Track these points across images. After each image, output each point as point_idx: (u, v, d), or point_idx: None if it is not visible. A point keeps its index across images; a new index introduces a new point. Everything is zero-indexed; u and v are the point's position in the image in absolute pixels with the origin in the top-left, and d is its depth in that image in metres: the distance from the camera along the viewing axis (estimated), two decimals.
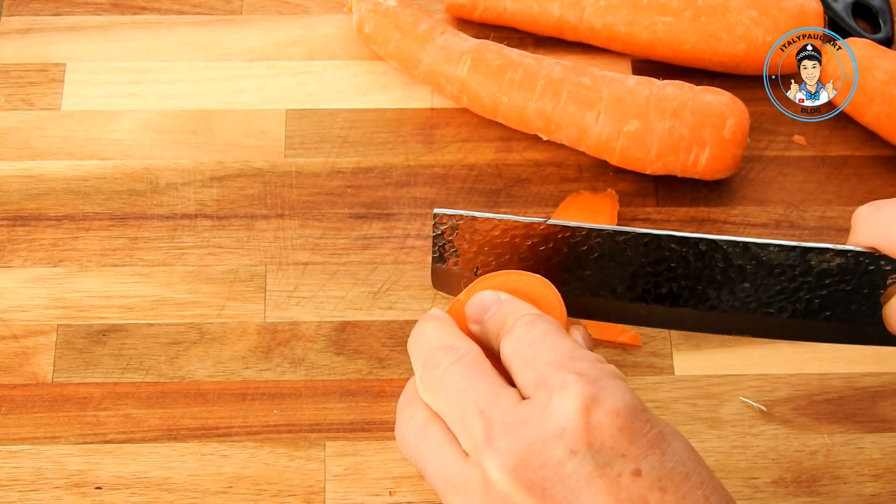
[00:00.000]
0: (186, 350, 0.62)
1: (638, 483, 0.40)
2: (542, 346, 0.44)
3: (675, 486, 0.41)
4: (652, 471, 0.41)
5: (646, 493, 0.40)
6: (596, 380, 0.43)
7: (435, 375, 0.45)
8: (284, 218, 0.66)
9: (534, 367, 0.44)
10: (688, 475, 0.41)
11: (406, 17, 0.70)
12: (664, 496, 0.40)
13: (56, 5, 0.73)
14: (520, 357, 0.45)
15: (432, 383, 0.45)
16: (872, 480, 0.59)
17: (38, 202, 0.66)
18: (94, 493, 0.58)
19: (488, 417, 0.43)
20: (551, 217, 0.61)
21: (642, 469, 0.41)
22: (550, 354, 0.44)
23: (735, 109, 0.65)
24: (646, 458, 0.41)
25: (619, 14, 0.70)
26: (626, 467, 0.41)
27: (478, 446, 0.42)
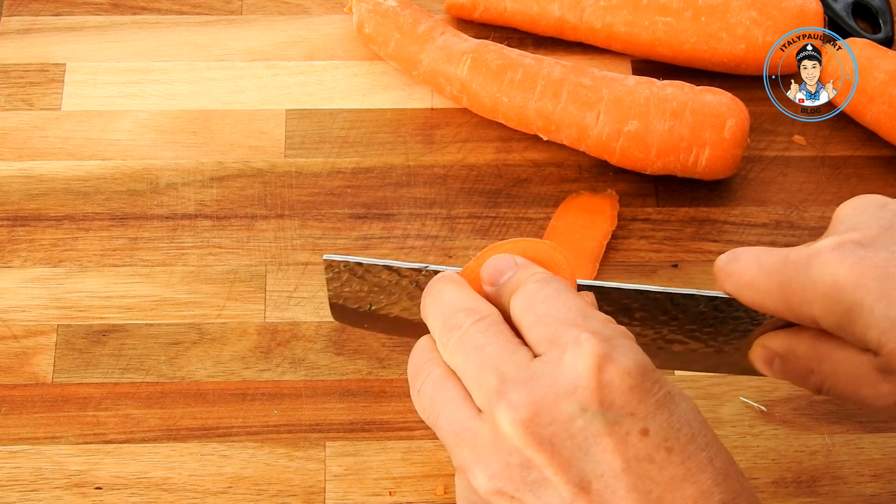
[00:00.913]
0: (186, 350, 0.62)
1: (645, 442, 0.41)
2: (555, 304, 0.45)
3: (681, 447, 0.41)
4: (659, 430, 0.41)
5: (652, 452, 0.41)
6: (608, 338, 0.43)
7: (455, 335, 0.46)
8: (284, 218, 0.66)
9: (546, 324, 0.44)
10: (693, 436, 0.42)
11: (406, 18, 0.70)
12: (670, 456, 0.41)
13: (56, 5, 0.73)
14: (531, 314, 0.45)
15: (452, 342, 0.46)
16: (872, 480, 0.59)
17: (38, 202, 0.66)
18: (94, 494, 0.58)
19: (502, 373, 0.43)
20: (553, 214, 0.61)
21: (650, 428, 0.41)
22: (563, 312, 0.44)
23: (735, 109, 0.65)
24: (654, 418, 0.42)
25: (619, 14, 0.70)
26: (634, 426, 0.41)
27: (490, 400, 0.43)
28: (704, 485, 0.41)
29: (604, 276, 0.64)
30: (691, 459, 0.41)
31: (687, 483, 0.41)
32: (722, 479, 0.42)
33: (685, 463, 0.41)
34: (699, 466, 0.41)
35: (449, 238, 0.65)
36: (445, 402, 0.45)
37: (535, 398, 0.42)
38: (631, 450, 0.41)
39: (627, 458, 0.41)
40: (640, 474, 0.41)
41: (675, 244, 0.66)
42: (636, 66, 0.72)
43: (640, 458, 0.41)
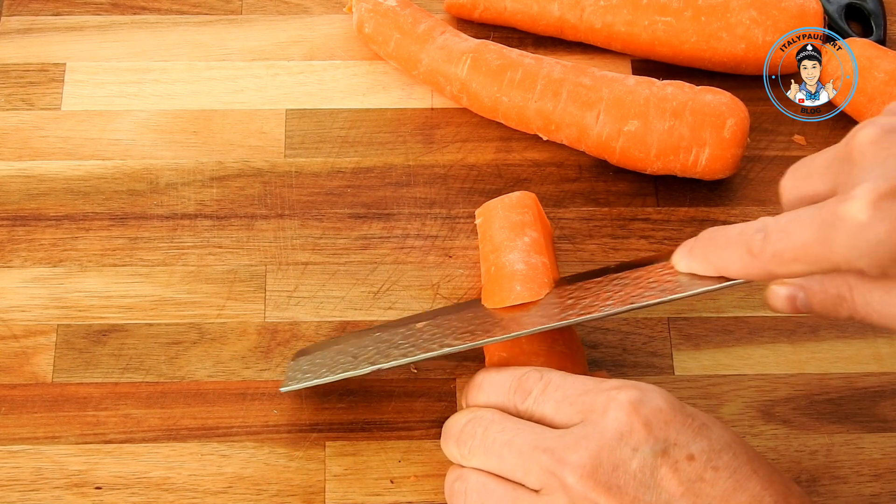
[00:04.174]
0: (186, 350, 0.62)
1: (693, 465, 0.46)
2: (569, 384, 0.50)
3: (724, 464, 0.46)
4: (702, 453, 0.46)
5: (702, 472, 0.46)
6: (635, 386, 0.48)
7: (475, 442, 0.51)
8: (284, 218, 0.66)
9: (570, 402, 0.49)
10: (735, 454, 0.47)
11: (406, 17, 0.70)
12: (718, 473, 0.46)
13: (56, 5, 0.73)
14: (551, 401, 0.50)
15: (476, 448, 0.51)
16: (872, 480, 0.59)
17: (38, 202, 0.66)
18: (94, 493, 0.58)
19: (548, 448, 0.48)
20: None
21: (694, 453, 0.46)
22: (581, 387, 0.50)
23: (735, 109, 0.65)
24: (695, 443, 0.47)
25: (619, 14, 0.70)
26: (680, 453, 0.46)
27: (551, 471, 0.47)
28: (754, 491, 0.46)
29: None
30: (738, 473, 0.46)
31: (739, 492, 0.45)
32: (769, 484, 0.46)
33: (733, 476, 0.46)
34: (746, 476, 0.46)
35: (449, 238, 0.65)
36: (500, 500, 0.49)
37: (592, 453, 0.47)
38: (683, 474, 0.46)
39: (682, 481, 0.46)
40: (697, 493, 0.46)
41: (675, 244, 0.65)
42: (636, 65, 0.72)
43: (693, 480, 0.46)
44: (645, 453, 0.46)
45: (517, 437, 0.49)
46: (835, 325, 0.63)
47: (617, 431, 0.47)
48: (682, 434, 0.47)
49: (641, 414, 0.47)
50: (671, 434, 0.47)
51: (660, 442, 0.47)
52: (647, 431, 0.47)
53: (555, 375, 0.51)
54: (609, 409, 0.48)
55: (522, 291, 0.58)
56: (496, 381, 0.53)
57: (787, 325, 0.63)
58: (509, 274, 0.59)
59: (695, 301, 0.64)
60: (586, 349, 0.62)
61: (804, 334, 0.63)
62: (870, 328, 0.63)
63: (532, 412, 0.51)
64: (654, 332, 0.63)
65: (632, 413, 0.47)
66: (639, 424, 0.47)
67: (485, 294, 0.60)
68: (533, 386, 0.51)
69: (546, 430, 0.49)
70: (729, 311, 0.64)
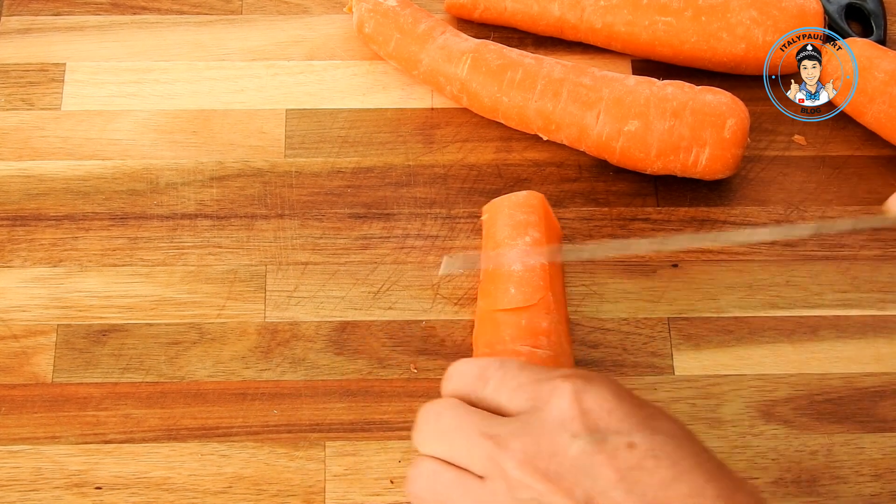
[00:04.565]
0: (186, 350, 0.62)
1: (633, 453, 0.45)
2: (524, 373, 0.50)
3: (667, 454, 0.45)
4: (644, 442, 0.46)
5: (641, 461, 0.45)
6: (582, 376, 0.48)
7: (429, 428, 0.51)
8: (284, 218, 0.66)
9: (524, 390, 0.49)
10: (680, 446, 0.46)
11: (406, 17, 0.70)
12: (658, 462, 0.45)
13: (56, 5, 0.73)
14: (507, 390, 0.50)
15: (429, 435, 0.51)
16: (872, 480, 0.59)
17: (38, 202, 0.66)
18: (94, 493, 0.58)
19: (493, 435, 0.48)
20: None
21: (635, 441, 0.46)
22: (534, 375, 0.50)
23: (735, 109, 0.65)
24: (638, 433, 0.46)
25: (619, 14, 0.70)
26: (620, 441, 0.46)
27: (492, 458, 0.47)
28: (696, 483, 0.45)
29: (604, 275, 0.64)
30: (680, 464, 0.45)
31: (678, 482, 0.45)
32: (713, 478, 0.45)
33: (674, 467, 0.45)
34: (688, 468, 0.45)
35: (449, 238, 0.65)
36: (448, 485, 0.49)
37: (533, 439, 0.47)
38: (621, 462, 0.45)
39: (619, 468, 0.45)
40: (634, 480, 0.45)
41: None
42: (636, 65, 0.72)
43: (631, 468, 0.45)
44: (583, 440, 0.46)
45: (466, 423, 0.49)
46: (835, 325, 0.63)
47: (558, 419, 0.47)
48: (624, 423, 0.46)
49: (584, 402, 0.47)
50: (612, 423, 0.46)
51: (599, 430, 0.46)
52: (587, 419, 0.47)
53: (513, 365, 0.51)
54: (553, 397, 0.48)
55: (516, 295, 0.58)
56: (463, 371, 0.53)
57: (787, 325, 0.63)
58: (506, 274, 0.59)
59: (695, 301, 0.64)
60: (586, 349, 0.62)
61: (804, 334, 0.63)
62: (870, 328, 0.63)
63: (490, 401, 0.51)
64: (654, 332, 0.63)
65: (574, 401, 0.47)
66: (579, 412, 0.47)
67: (481, 291, 0.60)
68: (493, 375, 0.51)
69: (495, 419, 0.49)
70: (729, 311, 0.64)
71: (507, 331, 0.58)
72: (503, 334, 0.58)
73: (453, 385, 0.53)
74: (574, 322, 0.63)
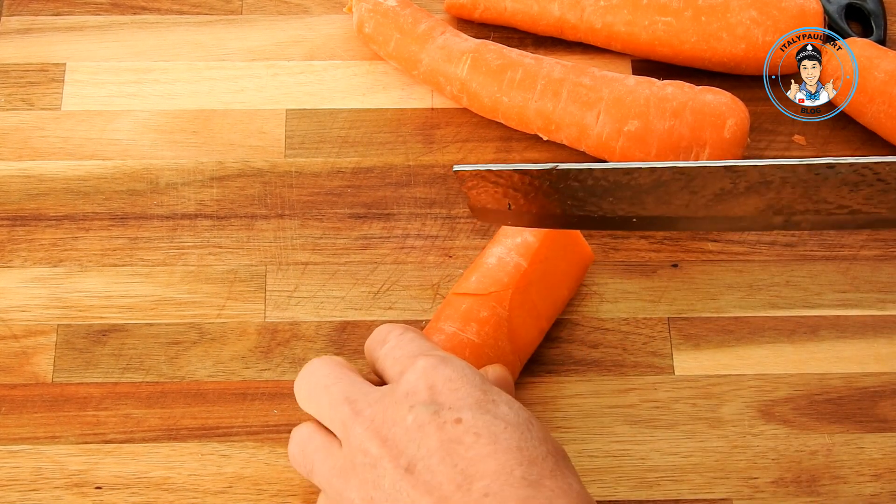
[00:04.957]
0: (186, 350, 0.62)
1: (457, 428, 0.48)
2: (408, 346, 0.53)
3: (489, 434, 0.48)
4: (471, 420, 0.48)
5: (462, 435, 0.48)
6: (439, 357, 0.51)
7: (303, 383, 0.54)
8: (284, 218, 0.66)
9: (399, 362, 0.52)
10: (507, 429, 0.48)
11: (406, 17, 0.70)
12: (478, 439, 0.48)
13: (56, 5, 0.73)
14: (391, 358, 0.53)
15: (302, 389, 0.54)
16: (872, 480, 0.59)
17: (38, 202, 0.66)
18: (94, 493, 0.58)
19: (353, 400, 0.51)
20: None
21: (463, 418, 0.48)
22: (413, 349, 0.53)
23: (735, 109, 0.65)
24: (469, 411, 0.49)
25: (619, 14, 0.70)
26: (450, 416, 0.49)
27: (346, 423, 0.50)
28: (507, 463, 0.47)
29: (604, 275, 0.64)
30: (498, 444, 0.48)
31: (490, 459, 0.47)
32: (528, 462, 0.47)
33: (491, 445, 0.47)
34: (505, 449, 0.48)
35: (449, 238, 0.65)
36: (316, 449, 0.52)
37: (381, 409, 0.50)
38: (445, 434, 0.48)
39: (442, 440, 0.48)
40: (450, 451, 0.47)
41: (675, 244, 0.66)
42: (636, 65, 0.72)
43: (452, 440, 0.48)
44: (419, 411, 0.49)
45: (335, 385, 0.52)
46: (835, 325, 0.63)
47: (405, 391, 0.50)
48: (461, 401, 0.49)
49: (430, 378, 0.50)
50: (449, 399, 0.49)
51: (436, 404, 0.49)
52: (429, 394, 0.49)
53: (408, 336, 0.54)
54: (408, 371, 0.51)
55: (474, 282, 0.59)
56: (378, 331, 0.56)
57: (787, 325, 0.63)
58: (479, 264, 0.60)
59: (695, 301, 0.64)
60: (586, 349, 0.62)
61: (804, 334, 0.63)
62: (870, 328, 0.63)
63: (378, 363, 0.54)
64: (654, 331, 0.63)
65: (421, 377, 0.50)
66: (424, 387, 0.50)
67: (459, 279, 0.61)
68: (389, 340, 0.54)
69: (362, 385, 0.52)
70: (729, 311, 0.64)
71: (447, 310, 0.59)
72: (442, 312, 0.59)
73: (367, 343, 0.56)
74: (574, 322, 0.63)
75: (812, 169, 0.52)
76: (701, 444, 0.60)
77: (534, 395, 0.61)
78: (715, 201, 0.54)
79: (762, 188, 0.53)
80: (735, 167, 0.53)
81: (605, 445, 0.60)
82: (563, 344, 0.62)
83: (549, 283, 0.61)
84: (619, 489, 0.59)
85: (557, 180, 0.55)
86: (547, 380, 0.61)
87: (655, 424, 0.60)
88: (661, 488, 0.59)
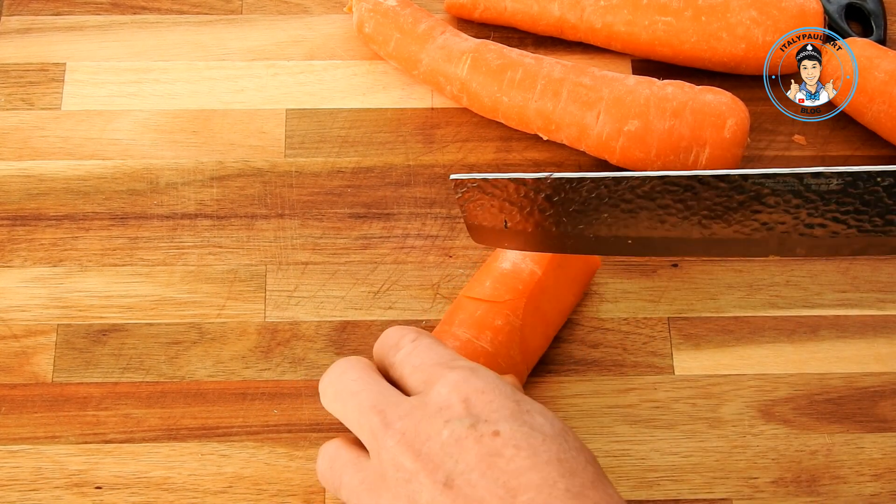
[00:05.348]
0: (186, 350, 0.62)
1: (496, 441, 0.48)
2: (428, 354, 0.52)
3: (528, 446, 0.47)
4: (509, 432, 0.48)
5: (501, 448, 0.47)
6: (469, 367, 0.51)
7: (329, 379, 0.53)
8: (284, 218, 0.66)
9: (421, 370, 0.52)
10: (545, 442, 0.48)
11: (406, 17, 0.70)
12: (518, 452, 0.47)
13: (56, 5, 0.73)
14: (409, 366, 0.52)
15: (328, 388, 0.53)
16: (872, 480, 0.59)
17: (38, 202, 0.66)
18: (94, 493, 0.58)
19: (381, 410, 0.50)
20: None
21: (501, 430, 0.48)
22: (435, 358, 0.52)
23: (735, 109, 0.65)
24: (506, 423, 0.48)
25: (619, 14, 0.70)
26: (487, 429, 0.48)
27: (376, 434, 0.50)
28: (549, 475, 0.47)
29: (604, 275, 0.64)
30: (538, 456, 0.47)
31: (532, 472, 0.47)
32: (569, 474, 0.47)
33: (532, 458, 0.47)
34: (546, 461, 0.47)
35: (449, 238, 0.65)
36: (343, 465, 0.52)
37: (413, 422, 0.49)
38: (484, 447, 0.47)
39: (481, 453, 0.47)
40: (491, 465, 0.47)
41: None
42: (636, 65, 0.72)
43: (492, 454, 0.47)
44: (455, 426, 0.48)
45: (364, 391, 0.51)
46: (835, 325, 0.63)
47: (438, 405, 0.49)
48: (496, 413, 0.48)
49: (463, 391, 0.49)
50: (485, 411, 0.49)
51: (472, 416, 0.48)
52: (463, 406, 0.49)
53: (425, 341, 0.53)
54: (438, 383, 0.50)
55: (488, 288, 0.59)
56: (387, 335, 0.55)
57: (787, 325, 0.63)
58: (493, 268, 0.60)
59: (695, 301, 0.64)
60: (586, 349, 0.62)
61: (804, 334, 0.63)
62: (870, 328, 0.63)
63: (395, 370, 0.53)
64: (654, 331, 0.63)
65: (454, 390, 0.49)
66: (457, 400, 0.49)
67: (471, 280, 0.61)
68: (405, 345, 0.53)
69: (392, 394, 0.51)
70: (729, 311, 0.64)
71: (460, 315, 0.59)
72: (456, 317, 0.59)
73: (376, 347, 0.55)
74: (574, 322, 0.63)
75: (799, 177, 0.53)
76: (701, 444, 0.60)
77: (534, 395, 0.61)
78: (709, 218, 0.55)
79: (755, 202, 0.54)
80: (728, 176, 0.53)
81: (605, 445, 0.60)
82: (563, 344, 0.63)
83: (558, 291, 0.61)
84: (619, 489, 0.59)
85: (553, 192, 0.55)
86: (547, 380, 0.61)
87: (655, 424, 0.60)
88: (660, 488, 0.59)
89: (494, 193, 0.56)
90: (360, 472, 0.51)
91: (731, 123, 0.64)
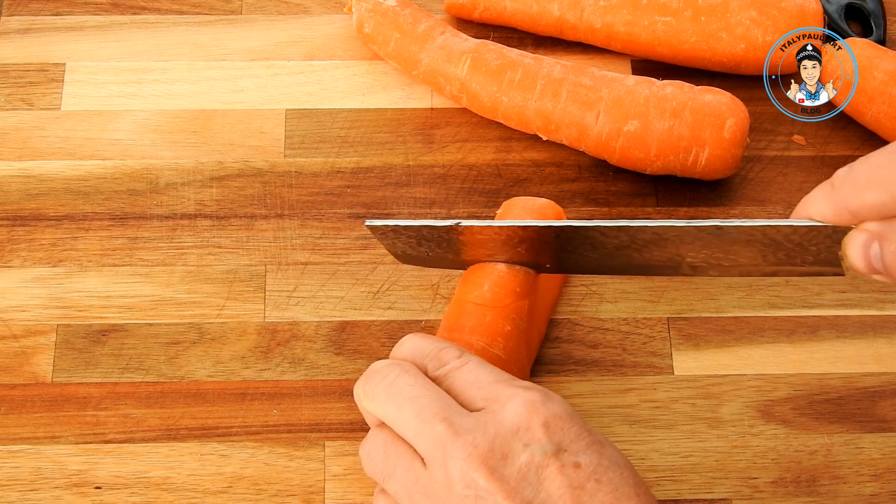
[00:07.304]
0: (186, 350, 0.62)
1: (578, 473, 0.47)
2: (482, 371, 0.51)
3: (608, 480, 0.47)
4: (589, 465, 0.48)
5: (584, 481, 0.47)
6: (541, 391, 0.50)
7: (382, 384, 0.52)
8: (284, 218, 0.66)
9: (478, 387, 0.51)
10: (622, 475, 0.48)
11: (406, 17, 0.70)
12: (599, 486, 0.47)
13: (56, 5, 0.73)
14: (461, 381, 0.51)
15: (380, 390, 0.51)
16: (872, 480, 0.59)
17: (38, 202, 0.66)
18: (94, 493, 0.58)
19: (447, 418, 0.49)
20: None
21: (581, 462, 0.48)
22: (492, 376, 0.51)
23: (735, 109, 0.65)
24: (584, 454, 0.48)
25: (619, 14, 0.70)
26: (568, 459, 0.48)
27: (442, 443, 0.48)
28: None
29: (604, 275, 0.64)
30: (619, 491, 0.47)
31: None
32: None
33: (614, 493, 0.47)
34: (626, 496, 0.47)
35: None
36: (395, 459, 0.50)
37: (488, 438, 0.48)
38: (567, 479, 0.47)
39: (564, 485, 0.47)
40: (576, 499, 0.47)
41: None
42: (636, 65, 0.72)
43: (575, 486, 0.47)
44: (535, 451, 0.47)
45: (424, 397, 0.50)
46: (835, 325, 0.63)
47: (514, 425, 0.48)
48: (575, 443, 0.48)
49: (541, 414, 0.48)
50: (565, 440, 0.48)
51: (553, 444, 0.48)
52: (543, 431, 0.48)
53: (474, 360, 0.52)
54: (511, 402, 0.49)
55: (487, 293, 0.58)
56: (418, 345, 0.54)
57: (787, 325, 0.63)
58: (489, 270, 0.59)
59: (694, 301, 0.64)
60: (586, 349, 0.62)
61: (804, 334, 0.63)
62: (870, 328, 0.63)
63: (441, 381, 0.52)
64: (654, 332, 0.63)
65: (532, 411, 0.48)
66: (537, 423, 0.48)
67: (462, 279, 0.60)
68: (450, 360, 0.52)
69: (454, 405, 0.50)
70: (729, 311, 0.64)
71: (469, 321, 0.58)
72: (465, 323, 0.58)
73: (407, 354, 0.54)
74: (574, 322, 0.63)
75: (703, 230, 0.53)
76: (700, 444, 0.60)
77: None
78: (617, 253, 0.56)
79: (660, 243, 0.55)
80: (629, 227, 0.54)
81: None
82: (563, 344, 0.63)
83: (547, 286, 0.61)
84: None
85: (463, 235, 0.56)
86: (547, 380, 0.61)
87: (655, 424, 0.60)
88: (660, 488, 0.59)
89: (410, 234, 0.58)
90: (412, 470, 0.50)
91: (731, 123, 0.64)
